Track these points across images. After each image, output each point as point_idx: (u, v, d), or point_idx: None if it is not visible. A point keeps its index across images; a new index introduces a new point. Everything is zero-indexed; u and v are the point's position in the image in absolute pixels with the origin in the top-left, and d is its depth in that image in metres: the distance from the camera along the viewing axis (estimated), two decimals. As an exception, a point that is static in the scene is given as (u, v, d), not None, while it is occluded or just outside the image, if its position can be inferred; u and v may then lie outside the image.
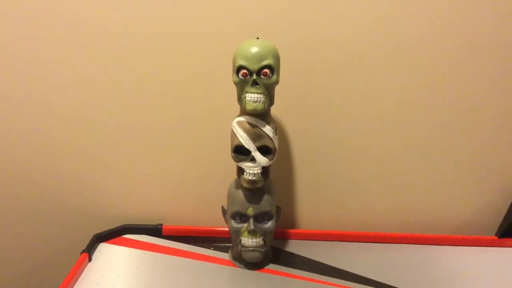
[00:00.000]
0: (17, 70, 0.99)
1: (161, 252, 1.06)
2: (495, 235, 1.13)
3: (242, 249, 0.96)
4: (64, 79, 1.00)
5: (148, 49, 0.97)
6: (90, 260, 1.02)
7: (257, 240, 0.95)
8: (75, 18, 0.94)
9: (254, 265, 1.00)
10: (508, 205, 1.11)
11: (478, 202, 1.14)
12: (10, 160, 1.10)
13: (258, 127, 0.85)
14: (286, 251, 1.08)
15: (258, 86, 0.81)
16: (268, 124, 0.86)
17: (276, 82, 0.83)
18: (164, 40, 0.96)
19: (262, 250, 0.96)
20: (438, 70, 0.98)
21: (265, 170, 0.90)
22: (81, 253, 1.02)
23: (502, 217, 1.12)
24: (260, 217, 0.94)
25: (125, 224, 1.14)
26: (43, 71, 0.99)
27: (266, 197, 0.93)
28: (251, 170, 0.88)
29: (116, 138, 1.07)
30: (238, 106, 0.88)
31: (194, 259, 1.04)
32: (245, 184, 0.91)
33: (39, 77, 1.00)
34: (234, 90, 0.86)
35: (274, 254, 1.06)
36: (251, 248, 0.96)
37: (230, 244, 1.05)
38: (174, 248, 1.08)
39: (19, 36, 0.96)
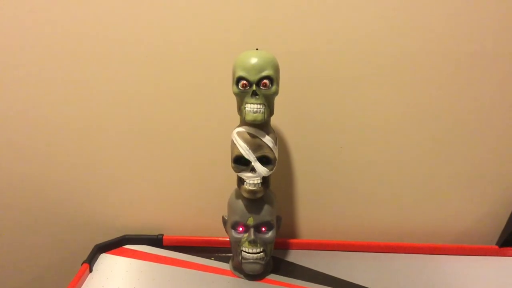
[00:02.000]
0: (20, 79, 1.00)
1: (162, 263, 1.06)
2: (496, 244, 1.14)
3: (243, 261, 0.96)
4: (67, 92, 1.01)
5: (148, 60, 0.98)
6: (91, 271, 1.02)
7: (258, 251, 0.95)
8: (77, 23, 0.95)
9: (255, 276, 1.00)
10: (508, 214, 1.11)
11: (478, 212, 1.14)
12: (10, 171, 1.10)
13: (258, 138, 0.86)
14: (287, 261, 1.08)
15: (257, 96, 0.81)
16: (268, 134, 0.87)
17: (276, 92, 0.84)
18: (164, 50, 0.97)
19: (263, 262, 0.96)
20: (438, 80, 0.99)
21: (265, 180, 0.91)
22: (82, 264, 1.02)
23: (503, 226, 1.13)
24: (260, 227, 0.94)
25: (126, 235, 1.14)
26: (47, 79, 1.00)
27: (266, 207, 0.94)
28: (251, 180, 0.88)
29: (116, 149, 1.08)
30: (238, 117, 0.89)
31: (194, 269, 1.04)
32: (245, 194, 0.91)
33: (42, 86, 1.01)
34: (234, 100, 0.87)
35: (275, 264, 1.05)
36: (251, 260, 0.96)
37: (231, 254, 1.05)
38: (174, 259, 1.08)
39: (18, 40, 0.96)
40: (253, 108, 0.82)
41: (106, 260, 1.07)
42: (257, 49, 0.83)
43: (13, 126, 1.05)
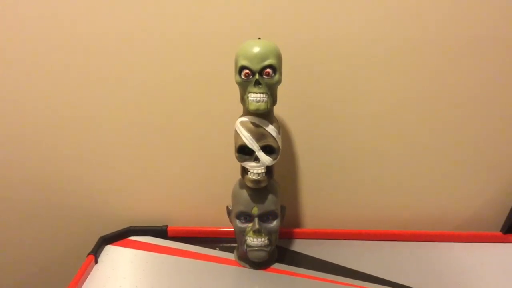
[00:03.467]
0: (20, 75, 1.00)
1: (167, 253, 1.07)
2: (500, 231, 1.13)
3: (248, 248, 0.96)
4: (67, 82, 1.01)
5: (150, 50, 0.97)
6: (96, 262, 1.03)
7: (263, 239, 0.95)
8: (75, 19, 0.94)
9: (260, 265, 1.01)
10: (512, 201, 1.11)
11: (482, 199, 1.14)
12: (15, 164, 1.10)
13: (262, 127, 0.86)
14: (292, 250, 1.08)
15: (260, 86, 0.81)
16: (271, 124, 0.87)
17: (279, 81, 0.84)
18: (166, 40, 0.96)
19: (268, 249, 0.97)
20: (439, 67, 0.98)
21: (269, 169, 0.91)
22: (87, 256, 1.02)
23: (507, 213, 1.12)
24: (265, 217, 0.95)
25: (131, 226, 1.14)
26: (47, 75, 1.00)
27: (270, 196, 0.94)
28: (255, 170, 0.88)
29: (120, 141, 1.08)
30: (241, 106, 0.88)
31: (199, 259, 1.04)
32: (249, 184, 0.91)
33: (41, 80, 1.01)
34: (237, 90, 0.86)
35: (280, 253, 1.06)
36: (256, 248, 0.96)
37: (236, 244, 1.05)
38: (179, 249, 1.08)
39: (19, 38, 0.96)
40: (256, 97, 0.82)
41: (111, 252, 1.07)
42: (259, 38, 0.83)
43: (17, 120, 1.05)
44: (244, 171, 0.91)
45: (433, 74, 0.99)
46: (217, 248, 1.08)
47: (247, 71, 0.81)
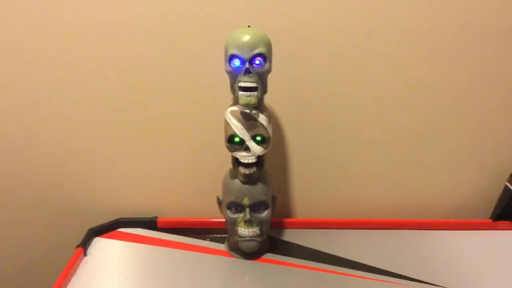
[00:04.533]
0: (17, 71, 0.98)
1: (157, 245, 1.06)
2: (490, 218, 1.14)
3: (239, 239, 0.96)
4: (54, 74, 0.99)
5: (139, 40, 0.96)
6: (85, 254, 1.02)
7: (254, 229, 0.94)
8: (73, 18, 0.93)
9: (251, 255, 1.00)
10: (502, 188, 1.11)
11: (472, 186, 1.15)
12: (1, 158, 1.08)
13: (252, 116, 0.85)
14: (283, 240, 1.08)
15: (251, 74, 0.80)
16: (262, 113, 0.86)
17: (269, 70, 0.83)
18: (153, 31, 0.95)
19: (259, 239, 0.96)
20: (432, 55, 0.98)
21: (260, 159, 0.90)
22: (76, 248, 1.01)
23: (496, 200, 1.13)
24: (256, 207, 0.94)
25: (120, 218, 1.13)
26: (39, 69, 0.98)
27: (261, 186, 0.93)
28: (246, 159, 0.88)
29: (108, 132, 1.06)
30: (231, 96, 0.87)
31: (190, 250, 1.04)
32: (241, 178, 0.91)
33: (33, 75, 0.99)
34: (226, 79, 0.85)
35: (271, 243, 1.06)
36: (247, 238, 0.95)
37: (226, 235, 1.05)
38: (169, 241, 1.07)
39: (20, 37, 0.95)
40: (245, 93, 0.81)
41: (101, 244, 1.06)
42: (249, 27, 0.82)
43: (6, 114, 1.03)
44: (236, 161, 0.90)
45: (426, 63, 0.99)
46: (208, 239, 1.08)
47: (237, 59, 0.80)
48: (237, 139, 0.86)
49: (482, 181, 1.14)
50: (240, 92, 0.81)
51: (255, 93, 0.81)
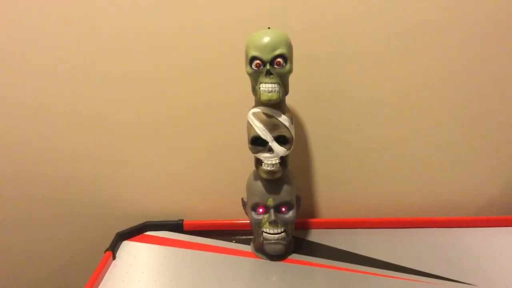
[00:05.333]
0: (30, 74, 1.01)
1: (184, 247, 1.07)
2: (520, 214, 1.12)
3: (264, 242, 0.96)
4: (76, 80, 1.01)
5: (161, 43, 0.97)
6: (114, 258, 1.03)
7: (279, 231, 0.95)
8: (80, 17, 0.95)
9: (277, 256, 1.00)
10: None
11: (502, 182, 1.12)
12: (31, 162, 1.11)
13: (274, 117, 0.85)
14: (308, 241, 1.08)
15: (272, 76, 0.80)
16: (284, 114, 0.86)
17: (290, 71, 0.83)
18: (175, 33, 0.96)
19: (284, 242, 0.96)
20: (456, 48, 0.97)
21: (283, 160, 0.90)
22: (105, 252, 1.03)
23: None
24: (280, 207, 0.94)
25: (147, 221, 1.15)
26: (54, 74, 1.00)
27: (285, 187, 0.93)
28: (269, 160, 0.88)
29: (134, 136, 1.08)
30: (253, 97, 0.88)
31: (216, 252, 1.04)
32: (264, 175, 0.90)
33: (49, 79, 1.01)
34: (248, 81, 0.86)
35: (296, 244, 1.05)
36: (273, 241, 0.96)
37: (252, 236, 1.05)
38: (196, 243, 1.08)
39: (25, 38, 0.97)
40: (268, 87, 0.81)
41: (129, 247, 1.08)
42: (269, 28, 0.82)
43: (31, 117, 1.06)
44: (258, 162, 0.91)
45: (449, 57, 0.98)
46: (234, 241, 1.08)
47: (258, 61, 0.80)
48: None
49: (510, 177, 1.12)
50: (262, 89, 0.82)
51: (276, 88, 0.81)
